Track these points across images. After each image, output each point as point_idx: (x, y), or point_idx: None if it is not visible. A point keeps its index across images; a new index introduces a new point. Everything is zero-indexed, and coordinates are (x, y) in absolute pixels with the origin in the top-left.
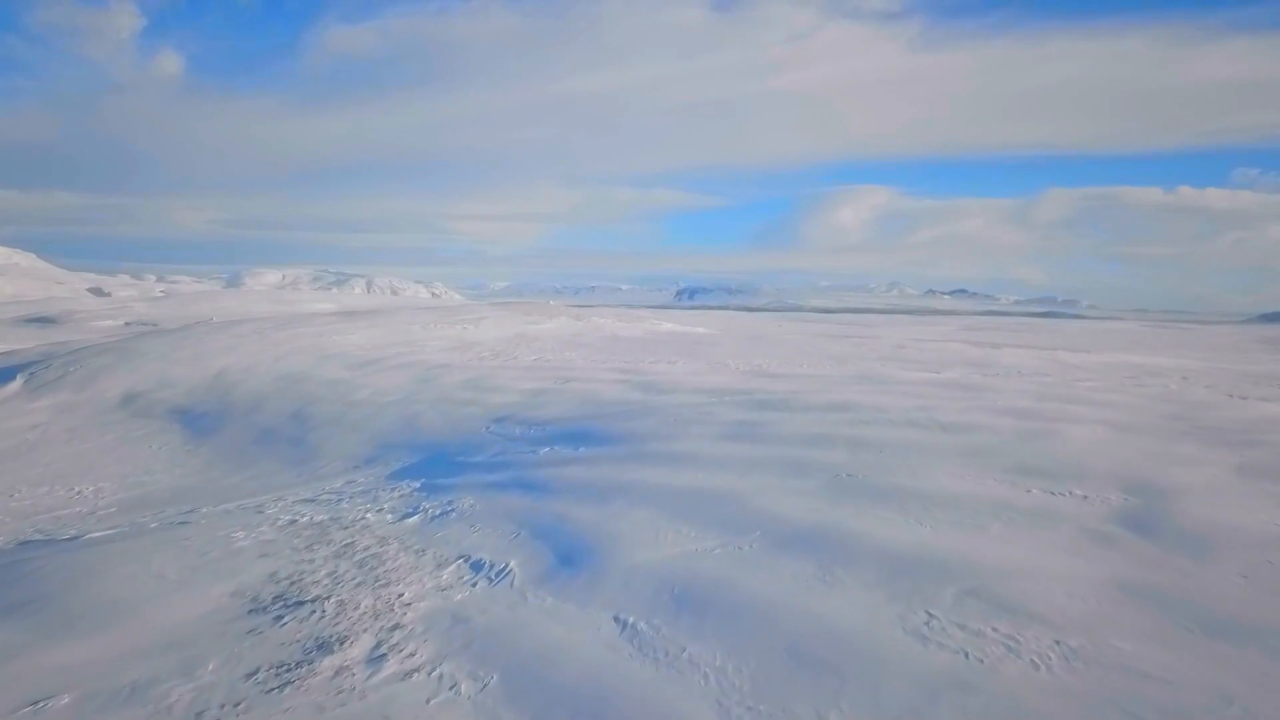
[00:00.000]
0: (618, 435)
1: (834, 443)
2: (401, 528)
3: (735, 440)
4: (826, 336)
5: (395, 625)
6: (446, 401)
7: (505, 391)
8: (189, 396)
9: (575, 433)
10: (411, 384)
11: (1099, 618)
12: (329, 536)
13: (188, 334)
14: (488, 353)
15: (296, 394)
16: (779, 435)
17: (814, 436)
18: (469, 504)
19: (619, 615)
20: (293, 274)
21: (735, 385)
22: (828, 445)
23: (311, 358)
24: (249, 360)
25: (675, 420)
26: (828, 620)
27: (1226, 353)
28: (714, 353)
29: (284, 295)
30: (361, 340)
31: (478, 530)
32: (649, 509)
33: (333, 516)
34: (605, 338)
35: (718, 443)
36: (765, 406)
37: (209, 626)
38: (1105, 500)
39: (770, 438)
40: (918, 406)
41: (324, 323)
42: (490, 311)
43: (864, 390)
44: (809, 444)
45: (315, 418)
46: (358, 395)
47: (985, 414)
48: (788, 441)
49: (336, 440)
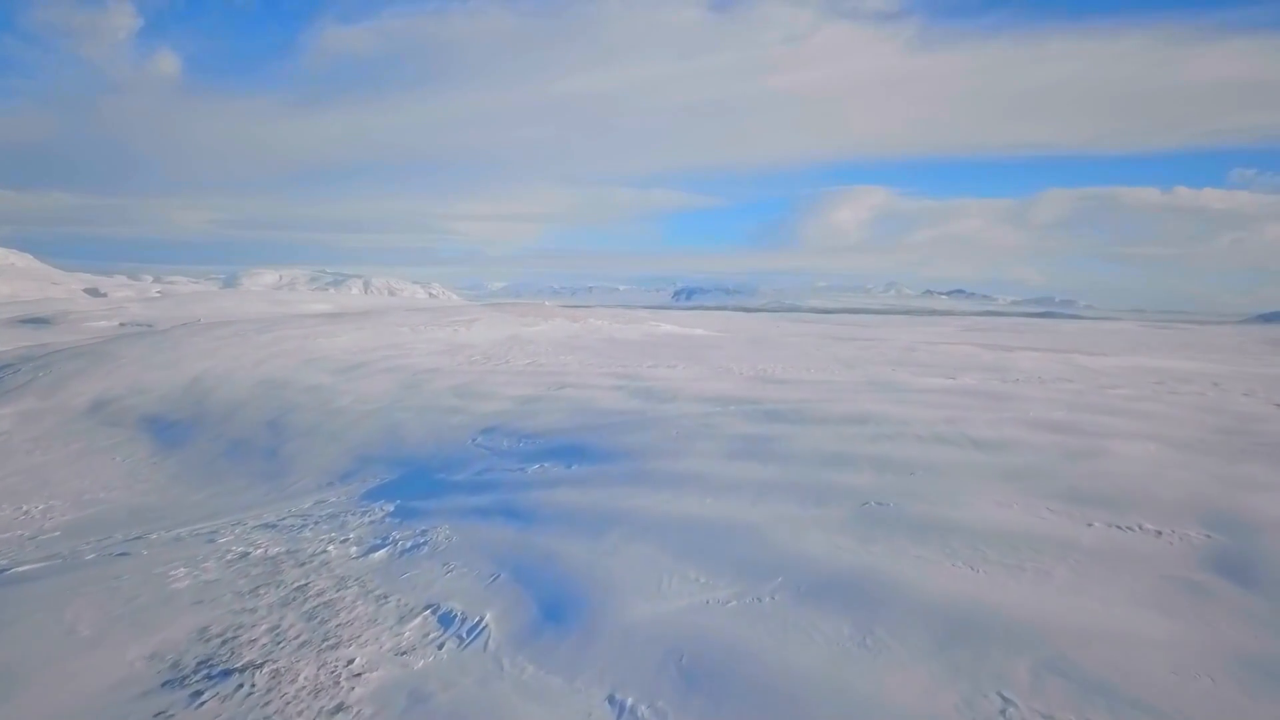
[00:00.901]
0: (615, 451)
1: (857, 462)
2: (365, 564)
3: (745, 458)
4: (831, 339)
5: (337, 708)
6: (432, 410)
7: (495, 398)
8: (162, 403)
9: (568, 447)
10: (397, 390)
11: (1226, 709)
12: (280, 576)
13: (167, 337)
14: (479, 356)
15: (274, 401)
16: (794, 453)
17: (833, 455)
18: (445, 535)
19: (614, 694)
20: (290, 274)
21: (741, 393)
22: (850, 465)
23: (294, 362)
24: (228, 365)
25: (678, 434)
26: (876, 704)
27: (1238, 355)
28: (715, 356)
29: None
30: (348, 343)
31: (452, 570)
32: (650, 544)
33: (291, 548)
34: (602, 340)
35: (726, 461)
36: (776, 418)
37: (108, 706)
38: (1184, 538)
39: (784, 455)
40: (943, 418)
41: (310, 325)
42: (483, 313)
43: (880, 399)
44: (829, 464)
45: (292, 427)
46: (339, 402)
47: (1019, 427)
48: (804, 460)
49: (312, 453)
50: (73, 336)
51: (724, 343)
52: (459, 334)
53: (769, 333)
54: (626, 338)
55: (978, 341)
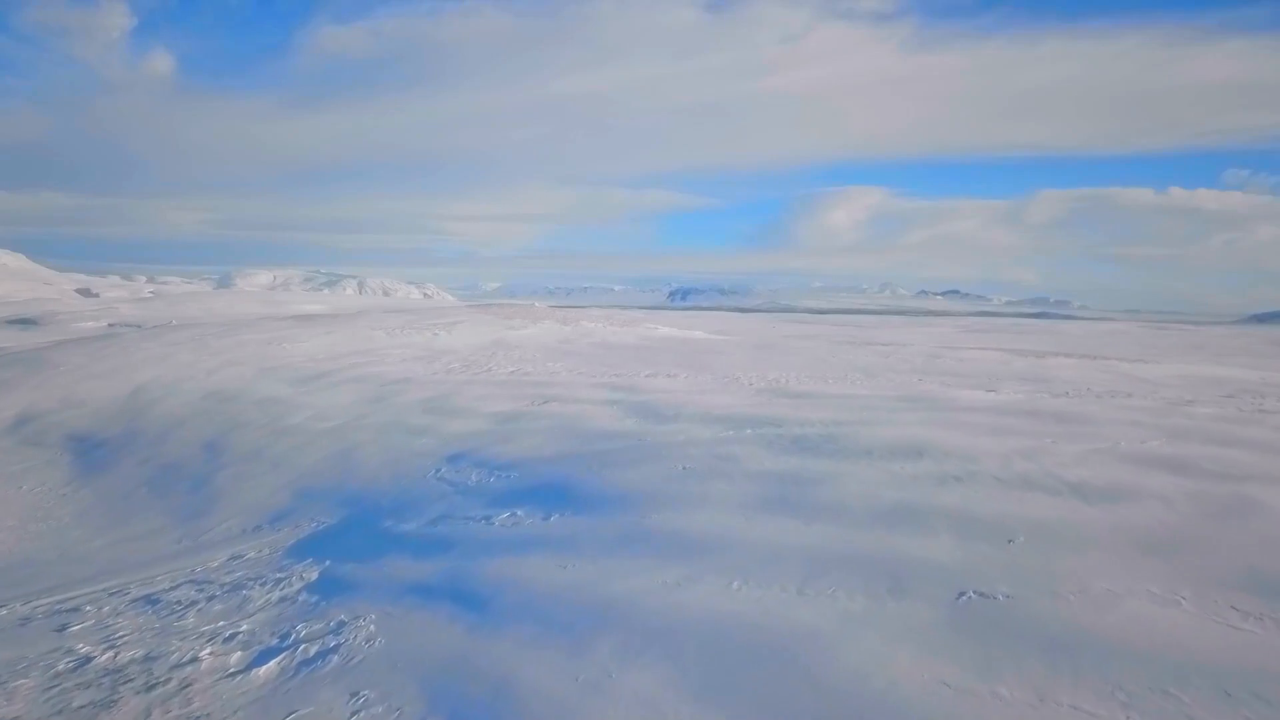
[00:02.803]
0: (605, 495)
1: (929, 520)
2: (240, 690)
3: (778, 510)
4: (843, 343)
5: None
6: (395, 429)
7: (469, 416)
8: (93, 419)
9: (548, 486)
10: (360, 404)
11: None
12: (110, 715)
13: (113, 342)
14: (457, 364)
15: (219, 417)
16: (842, 503)
17: (895, 507)
18: (367, 634)
19: None
20: (284, 275)
21: (756, 410)
22: (922, 524)
23: (251, 370)
24: (177, 373)
25: (686, 469)
26: None
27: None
28: (720, 363)
29: (274, 296)
30: (314, 349)
31: (360, 712)
32: (656, 669)
33: (153, 650)
34: (594, 345)
35: (753, 515)
36: (806, 447)
37: None
38: None
39: (830, 507)
40: (1017, 450)
41: (276, 328)
42: (467, 315)
43: (926, 420)
44: (892, 521)
45: (231, 450)
46: (292, 419)
47: (1119, 465)
48: (858, 515)
49: (247, 484)
50: (57, 337)
51: (727, 348)
52: (438, 338)
53: (774, 336)
54: (621, 342)
55: (1000, 346)
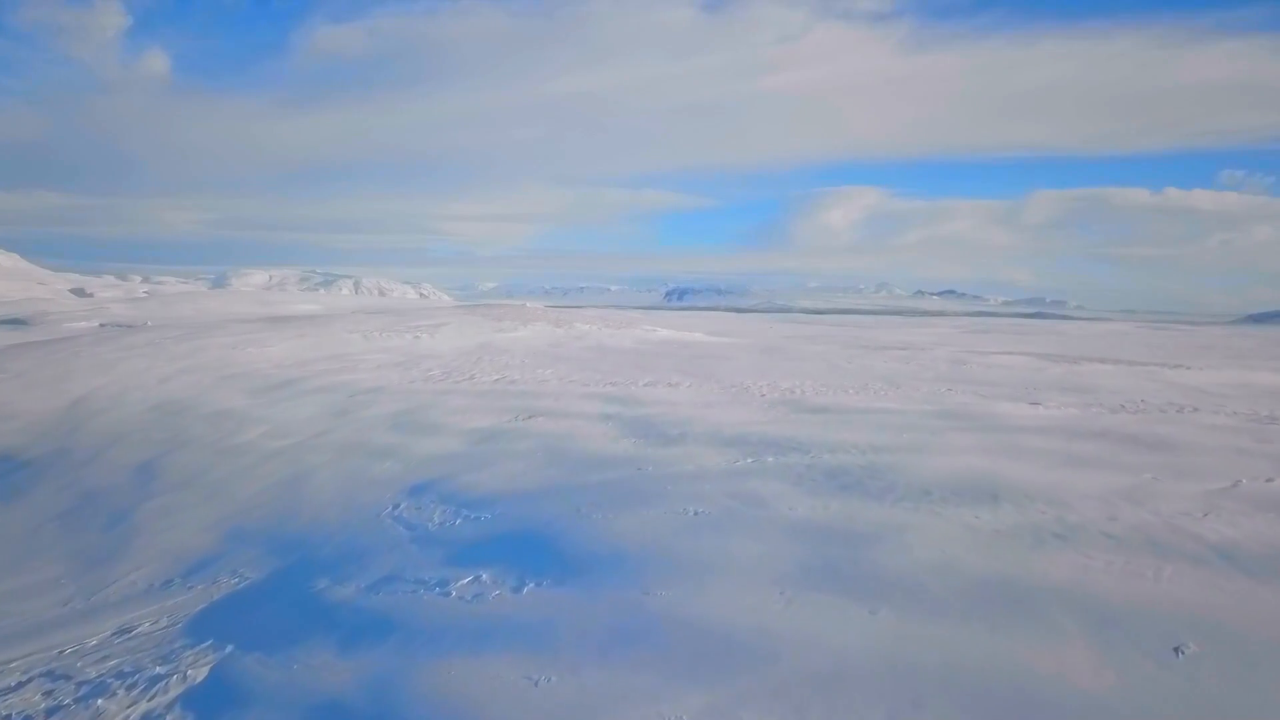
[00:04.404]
0: (595, 554)
1: (1042, 609)
2: None
3: (826, 586)
4: (857, 348)
5: None
6: (356, 451)
7: (442, 433)
8: (22, 435)
9: (525, 535)
10: (322, 418)
11: None
12: None
13: (65, 346)
14: (438, 370)
15: (161, 434)
16: (912, 577)
17: (986, 583)
18: None
19: None
20: (280, 275)
21: (773, 428)
22: (1035, 619)
23: (209, 378)
24: (126, 382)
25: (697, 517)
26: None
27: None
28: (725, 370)
29: (268, 296)
30: (282, 354)
31: None
32: None
33: None
34: (588, 348)
35: (791, 595)
36: (847, 484)
37: None
38: None
39: (896, 584)
40: (1118, 492)
41: (244, 331)
42: (453, 316)
43: (980, 445)
44: (989, 610)
45: (165, 475)
46: (242, 436)
47: (1263, 516)
48: (938, 599)
49: (172, 520)
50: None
51: (731, 352)
52: (420, 342)
53: (777, 339)
54: (617, 345)
55: (1022, 349)
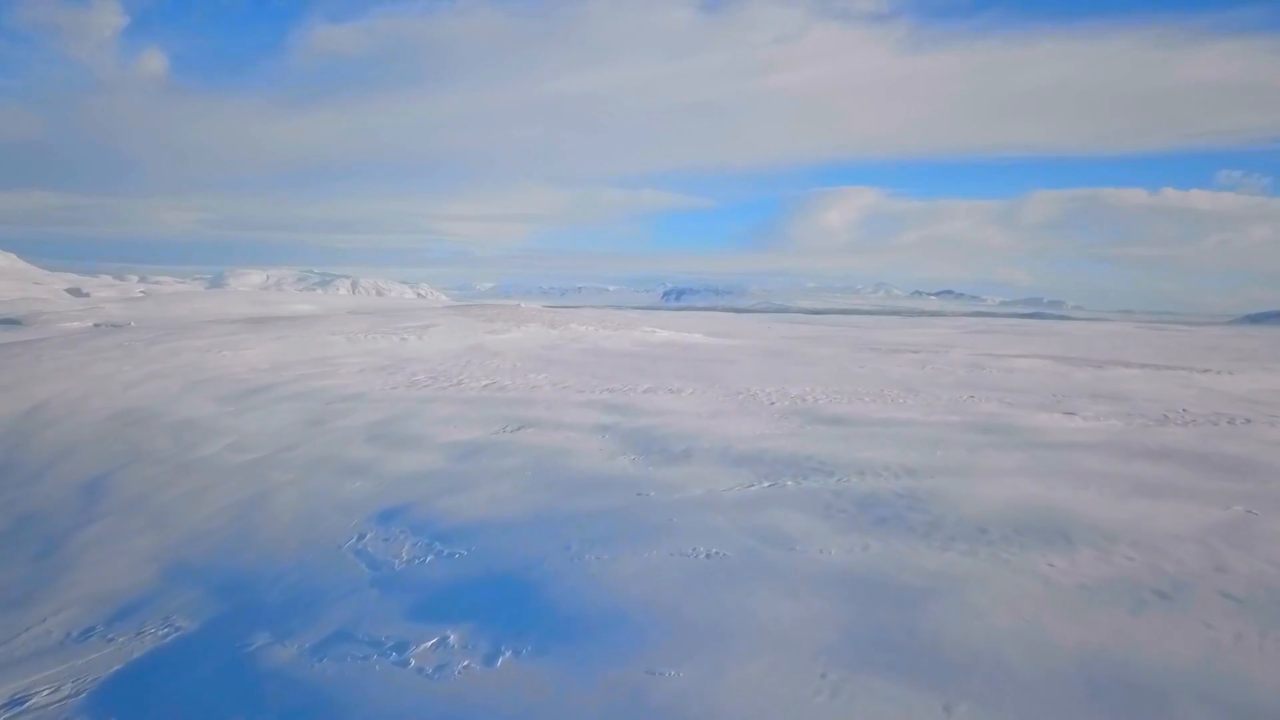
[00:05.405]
0: (586, 611)
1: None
2: None
3: (879, 667)
4: (867, 350)
5: None
6: (325, 466)
7: (422, 447)
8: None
9: (505, 581)
10: (293, 429)
11: None
12: None
13: (28, 349)
14: (423, 375)
15: (118, 446)
16: (991, 657)
17: (1084, 668)
18: None
19: None
20: (277, 275)
21: (790, 443)
22: None
23: (177, 384)
24: (89, 388)
25: (709, 560)
26: None
27: None
28: (729, 375)
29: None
30: (258, 357)
31: None
32: None
33: None
34: (585, 351)
35: (838, 681)
36: (883, 518)
37: None
38: None
39: (967, 667)
40: (1212, 530)
41: (220, 333)
42: (443, 317)
43: (1028, 466)
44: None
45: (114, 494)
46: (204, 449)
47: None
48: (1026, 688)
49: (112, 548)
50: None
51: (734, 355)
52: (406, 344)
53: (779, 340)
54: (615, 348)
55: (1043, 353)
